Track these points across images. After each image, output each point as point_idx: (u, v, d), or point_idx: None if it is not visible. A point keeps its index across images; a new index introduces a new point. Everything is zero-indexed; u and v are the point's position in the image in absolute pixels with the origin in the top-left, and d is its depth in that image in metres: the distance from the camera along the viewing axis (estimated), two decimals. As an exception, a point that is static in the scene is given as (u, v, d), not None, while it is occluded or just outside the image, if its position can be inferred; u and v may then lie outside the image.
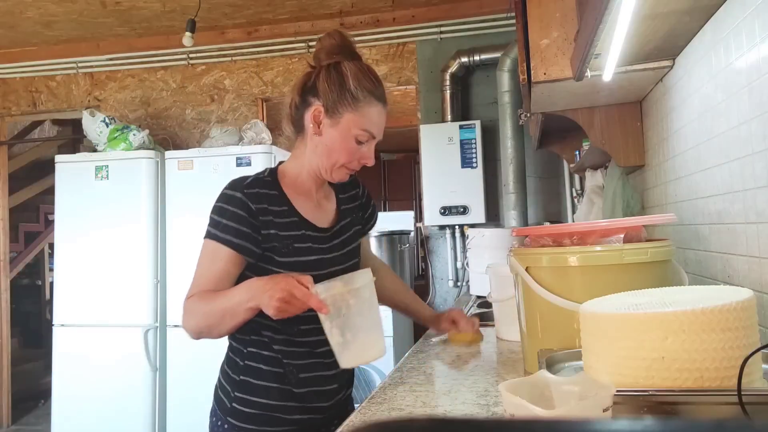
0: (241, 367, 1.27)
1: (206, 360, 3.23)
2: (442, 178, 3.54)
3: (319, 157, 1.27)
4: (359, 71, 1.27)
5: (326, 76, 1.25)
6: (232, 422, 1.25)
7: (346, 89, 1.24)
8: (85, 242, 3.38)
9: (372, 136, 1.27)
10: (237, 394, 1.26)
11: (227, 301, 1.16)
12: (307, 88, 1.28)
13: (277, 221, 1.24)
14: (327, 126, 1.25)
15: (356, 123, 1.24)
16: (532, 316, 1.14)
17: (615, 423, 0.29)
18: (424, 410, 0.99)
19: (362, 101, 1.25)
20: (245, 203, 1.22)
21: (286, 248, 1.23)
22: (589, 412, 0.61)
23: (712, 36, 1.28)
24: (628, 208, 2.08)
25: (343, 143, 1.25)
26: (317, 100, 1.25)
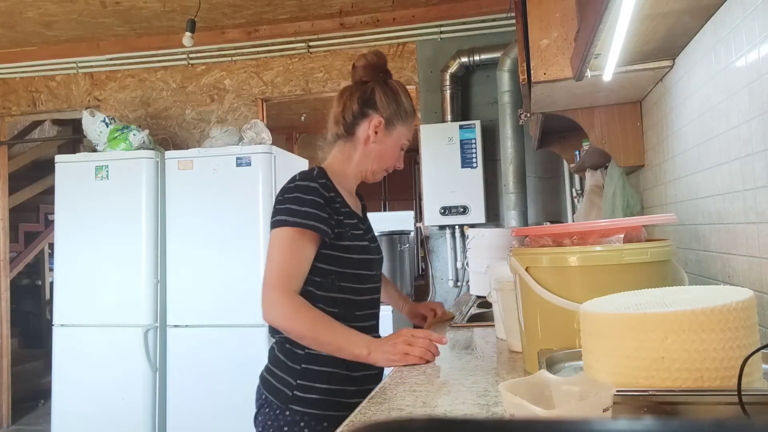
0: (301, 356, 1.36)
1: (206, 360, 3.24)
2: (442, 178, 3.54)
3: (370, 162, 1.48)
4: (405, 90, 1.51)
5: (383, 92, 1.46)
6: (296, 409, 1.33)
7: (402, 105, 1.47)
8: (85, 242, 3.38)
9: (409, 144, 1.54)
10: (299, 382, 1.34)
11: (344, 339, 1.29)
12: (364, 100, 1.46)
13: (342, 210, 1.40)
14: (383, 136, 1.46)
15: (405, 134, 1.50)
16: (532, 316, 1.14)
17: (615, 423, 0.29)
18: (424, 410, 0.99)
19: (410, 116, 1.50)
20: (321, 192, 1.35)
21: (347, 234, 1.39)
22: (589, 412, 0.61)
23: (712, 36, 1.28)
24: (628, 208, 2.08)
25: (394, 151, 1.49)
26: (376, 113, 1.45)
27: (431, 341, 1.29)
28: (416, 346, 1.26)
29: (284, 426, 1.32)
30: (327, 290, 1.37)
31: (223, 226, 3.23)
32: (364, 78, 1.48)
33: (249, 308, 3.16)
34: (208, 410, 3.16)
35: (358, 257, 1.41)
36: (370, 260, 1.45)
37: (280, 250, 1.31)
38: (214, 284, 3.23)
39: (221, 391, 3.15)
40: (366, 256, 1.43)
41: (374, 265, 1.48)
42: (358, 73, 1.49)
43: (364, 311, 1.45)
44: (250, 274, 3.17)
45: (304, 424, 1.32)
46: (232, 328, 3.18)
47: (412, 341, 1.27)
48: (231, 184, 3.25)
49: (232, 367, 3.16)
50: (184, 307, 3.28)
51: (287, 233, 1.31)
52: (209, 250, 3.26)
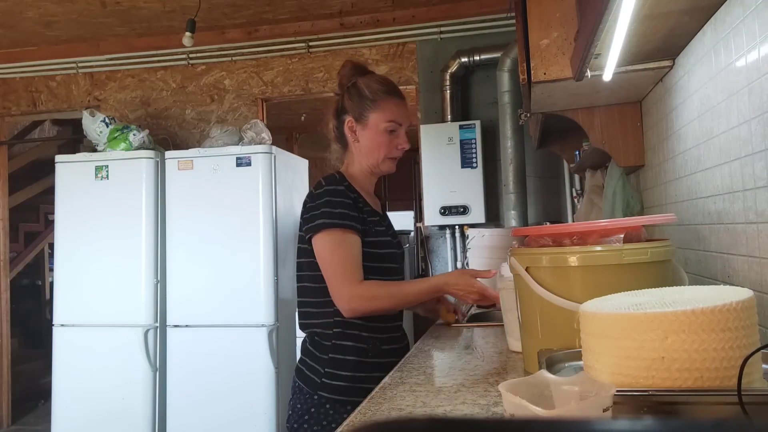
0: (328, 346, 1.47)
1: (206, 360, 3.24)
2: (442, 178, 3.54)
3: (366, 158, 1.56)
4: (370, 80, 1.56)
5: (348, 95, 1.56)
6: (323, 395, 1.44)
7: (365, 97, 1.54)
8: (85, 242, 3.38)
9: (398, 124, 1.55)
10: (327, 370, 1.45)
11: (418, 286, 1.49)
12: (338, 110, 1.58)
13: (364, 209, 1.51)
14: (360, 131, 1.55)
15: (381, 118, 1.53)
16: (532, 316, 1.14)
17: (615, 423, 0.29)
18: (424, 410, 0.99)
19: (378, 100, 1.53)
20: (347, 194, 1.47)
21: (371, 231, 1.50)
22: (589, 412, 0.61)
23: (712, 36, 1.28)
24: (628, 208, 2.08)
25: (377, 138, 1.53)
26: (348, 115, 1.56)
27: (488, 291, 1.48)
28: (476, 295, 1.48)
29: (311, 408, 1.44)
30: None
31: (223, 226, 3.23)
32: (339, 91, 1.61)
33: (249, 308, 3.16)
34: (208, 410, 3.16)
35: (384, 251, 1.52)
36: (394, 254, 1.57)
37: (336, 250, 1.43)
38: (214, 284, 3.23)
39: (221, 391, 3.14)
40: (390, 250, 1.55)
41: (398, 259, 1.60)
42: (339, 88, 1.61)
43: None
44: (250, 274, 3.17)
45: (330, 406, 1.43)
46: (232, 328, 3.17)
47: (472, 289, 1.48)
48: (231, 184, 3.25)
49: (232, 367, 3.15)
50: (184, 307, 3.28)
51: (333, 235, 1.43)
52: (209, 250, 3.26)
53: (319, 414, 1.43)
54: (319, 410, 1.43)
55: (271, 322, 3.14)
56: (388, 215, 1.71)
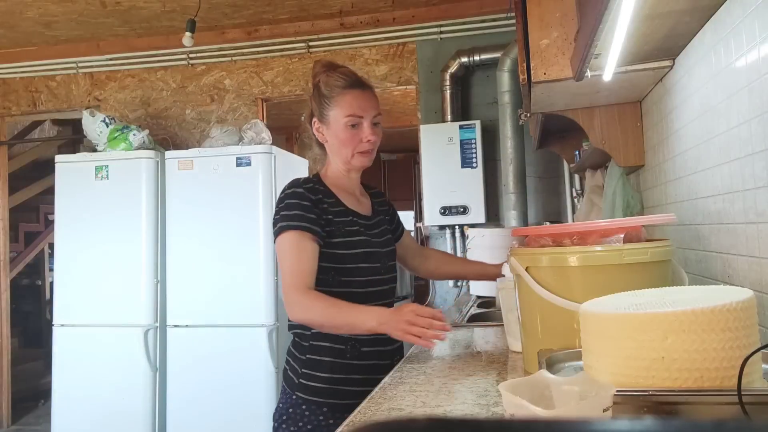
0: (305, 347, 1.46)
1: (206, 360, 3.24)
2: (442, 178, 3.54)
3: (336, 156, 1.54)
4: (328, 77, 1.53)
5: (311, 98, 1.57)
6: (300, 395, 1.44)
7: (321, 95, 1.52)
8: (85, 242, 3.38)
9: (359, 117, 1.50)
10: (304, 371, 1.45)
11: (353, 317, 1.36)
12: (309, 115, 1.58)
13: (331, 210, 1.48)
14: (325, 131, 1.53)
15: (340, 114, 1.49)
16: (532, 316, 1.14)
17: (615, 423, 0.29)
18: (424, 410, 0.99)
19: (335, 96, 1.50)
20: (306, 195, 1.45)
21: (339, 231, 1.46)
22: (589, 412, 0.61)
23: (712, 36, 1.28)
24: (628, 208, 2.08)
25: (341, 134, 1.50)
26: (313, 117, 1.56)
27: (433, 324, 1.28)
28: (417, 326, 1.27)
29: (290, 408, 1.44)
30: (330, 285, 1.45)
31: (223, 226, 3.23)
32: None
33: (249, 308, 3.16)
34: (208, 410, 3.16)
35: (355, 251, 1.48)
36: (371, 253, 1.50)
37: (286, 254, 1.41)
38: (214, 284, 3.23)
39: (221, 390, 3.14)
40: (365, 250, 1.49)
41: (376, 258, 1.52)
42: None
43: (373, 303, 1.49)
44: (250, 274, 3.17)
45: (306, 407, 1.43)
46: (232, 328, 3.17)
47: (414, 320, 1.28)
48: (231, 184, 3.25)
49: (232, 367, 3.15)
50: (184, 307, 3.28)
51: (286, 237, 1.41)
52: (209, 250, 3.26)
53: (296, 414, 1.43)
54: (296, 410, 1.43)
55: (271, 322, 3.14)
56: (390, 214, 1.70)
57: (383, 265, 1.55)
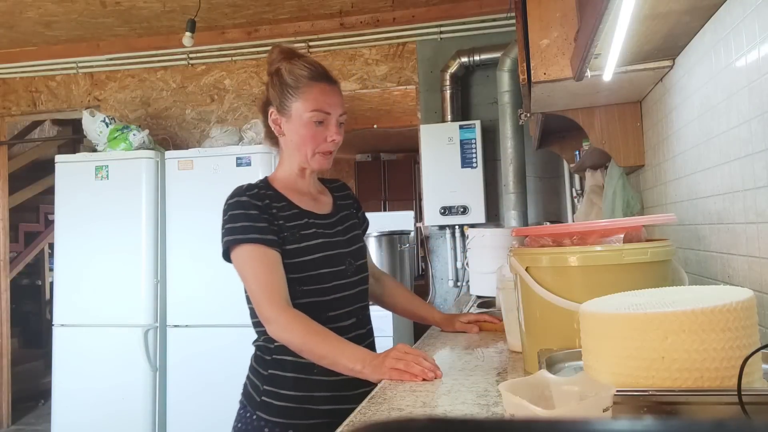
0: (268, 361, 1.33)
1: (206, 360, 3.24)
2: (442, 178, 3.54)
3: (293, 154, 1.40)
4: (293, 66, 1.36)
5: (270, 84, 1.39)
6: (262, 416, 1.30)
7: (285, 84, 1.35)
8: (85, 242, 3.38)
9: (326, 113, 1.35)
10: (266, 388, 1.31)
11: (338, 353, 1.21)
12: (264, 102, 1.42)
13: (281, 214, 1.34)
14: (284, 123, 1.38)
15: (304, 108, 1.34)
16: (532, 316, 1.14)
17: (615, 423, 0.29)
18: (424, 410, 0.99)
19: (301, 87, 1.34)
20: (252, 203, 1.32)
21: (293, 236, 1.32)
22: (589, 412, 0.61)
23: (712, 36, 1.28)
24: (628, 208, 2.08)
25: (303, 130, 1.35)
26: (270, 107, 1.39)
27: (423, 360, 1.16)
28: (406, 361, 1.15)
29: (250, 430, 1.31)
30: (294, 298, 1.29)
31: (223, 226, 3.23)
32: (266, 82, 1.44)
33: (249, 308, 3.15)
34: (208, 410, 3.16)
35: (314, 257, 1.33)
36: (331, 256, 1.36)
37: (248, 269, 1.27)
38: (214, 284, 3.23)
39: (221, 391, 3.14)
40: (325, 253, 1.35)
41: (339, 260, 1.37)
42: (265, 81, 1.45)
43: (338, 311, 1.36)
44: (250, 274, 3.17)
45: (268, 429, 1.29)
46: (232, 328, 3.17)
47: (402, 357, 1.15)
48: (231, 184, 3.19)
49: (232, 367, 3.15)
50: (184, 307, 3.28)
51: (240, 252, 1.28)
52: (209, 250, 3.25)
53: None
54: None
55: (271, 322, 3.14)
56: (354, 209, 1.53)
57: (349, 266, 1.39)
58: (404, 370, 1.13)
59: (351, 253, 1.42)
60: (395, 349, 1.19)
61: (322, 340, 1.22)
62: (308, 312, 1.28)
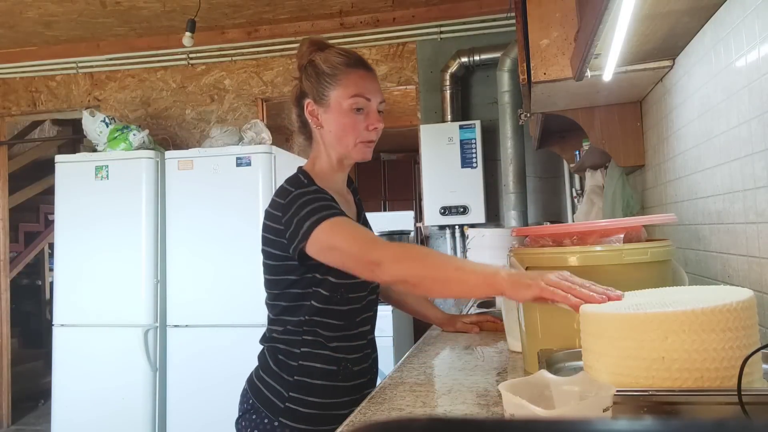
0: (294, 367, 1.28)
1: (206, 360, 3.24)
2: (442, 178, 3.54)
3: (334, 146, 1.32)
4: (327, 54, 1.32)
5: (305, 75, 1.33)
6: (285, 422, 1.26)
7: (321, 72, 1.30)
8: (85, 242, 3.38)
9: (366, 99, 1.30)
10: (292, 395, 1.27)
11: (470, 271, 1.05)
12: (298, 96, 1.35)
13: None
14: (322, 114, 1.31)
15: (343, 94, 1.29)
16: (532, 316, 1.14)
17: (615, 423, 0.29)
18: (424, 410, 0.99)
19: (338, 74, 1.30)
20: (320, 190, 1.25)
21: None
22: (589, 412, 0.61)
23: (712, 36, 1.28)
24: (628, 208, 2.08)
25: (343, 119, 1.29)
26: (307, 98, 1.32)
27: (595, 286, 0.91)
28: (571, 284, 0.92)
29: None
30: (336, 304, 1.27)
31: (223, 226, 3.23)
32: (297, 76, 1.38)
33: (249, 308, 3.15)
34: (208, 410, 3.16)
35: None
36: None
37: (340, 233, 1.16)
38: (214, 284, 3.23)
39: (221, 391, 3.14)
40: None
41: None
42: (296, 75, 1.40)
43: (363, 315, 1.36)
44: (250, 274, 3.17)
45: None
46: (232, 328, 3.17)
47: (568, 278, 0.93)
48: (231, 184, 3.25)
49: (232, 367, 3.15)
50: (184, 307, 3.28)
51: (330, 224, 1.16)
52: (209, 250, 3.26)
53: None
54: None
55: (271, 322, 3.14)
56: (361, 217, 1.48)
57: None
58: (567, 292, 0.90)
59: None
60: (552, 272, 0.95)
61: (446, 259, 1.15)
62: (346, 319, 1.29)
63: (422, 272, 1.10)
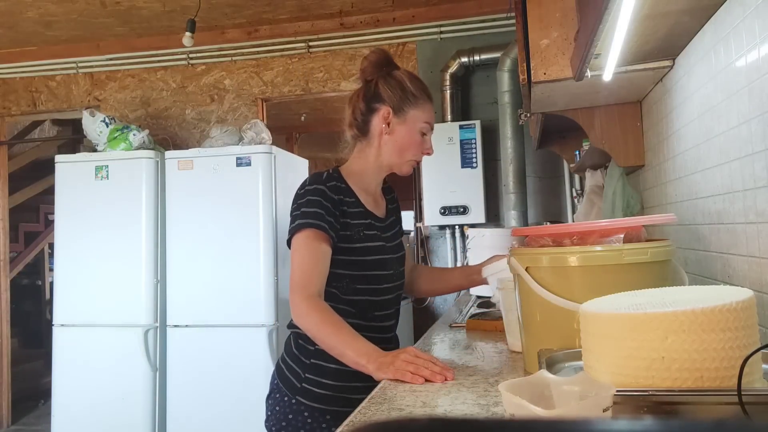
0: (311, 351, 1.40)
1: (206, 360, 3.24)
2: (442, 178, 3.54)
3: (390, 154, 1.47)
4: (411, 75, 1.49)
5: (386, 83, 1.46)
6: (302, 400, 1.38)
7: (407, 90, 1.45)
8: (85, 242, 3.38)
9: (431, 127, 1.49)
10: (308, 376, 1.39)
11: (345, 346, 1.26)
12: (369, 96, 1.47)
13: (350, 211, 1.42)
14: (396, 124, 1.45)
15: (420, 117, 1.45)
16: (532, 316, 1.14)
17: (615, 423, 0.29)
18: (424, 410, 0.99)
19: (420, 99, 1.46)
20: (327, 194, 1.38)
21: (357, 235, 1.41)
22: (589, 412, 0.61)
23: (712, 36, 1.28)
24: (628, 208, 2.08)
25: (412, 136, 1.46)
26: (383, 104, 1.45)
27: (436, 364, 1.16)
28: (417, 365, 1.16)
29: (289, 414, 1.39)
30: (343, 293, 1.40)
31: (223, 226, 3.23)
32: (368, 77, 1.49)
33: (249, 308, 3.16)
34: (208, 410, 3.16)
35: (371, 258, 1.42)
36: (385, 260, 1.45)
37: (297, 253, 1.35)
38: (214, 284, 3.23)
39: (221, 391, 3.14)
40: (380, 257, 1.44)
41: (390, 264, 1.47)
42: (363, 74, 1.50)
43: (384, 311, 1.47)
44: (250, 274, 3.17)
45: (308, 414, 1.38)
46: (232, 328, 3.17)
47: (412, 360, 1.17)
48: (231, 184, 3.25)
49: (232, 367, 3.15)
50: (184, 307, 3.28)
51: (302, 236, 1.35)
52: (209, 250, 3.26)
53: (297, 422, 1.37)
54: (297, 417, 1.38)
55: (271, 322, 3.14)
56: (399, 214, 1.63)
57: (395, 271, 1.49)
58: (414, 373, 1.14)
59: (397, 259, 1.52)
60: (405, 351, 1.20)
61: (334, 332, 1.28)
62: (359, 309, 1.41)
63: (314, 335, 1.32)
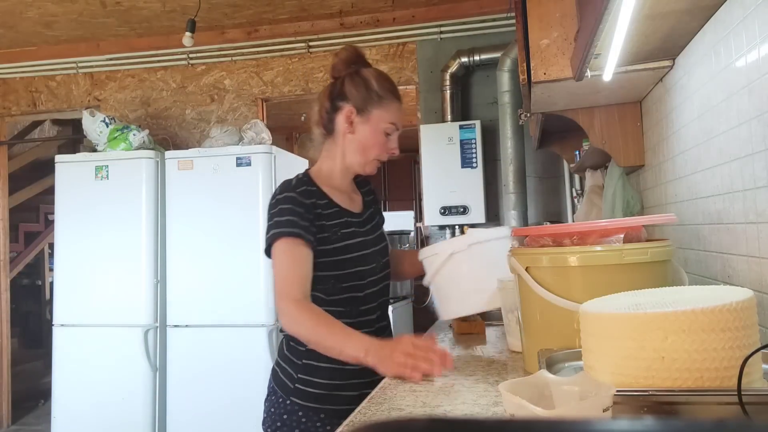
0: (302, 352, 1.41)
1: (206, 360, 3.24)
2: (442, 178, 3.54)
3: (353, 154, 1.47)
4: (378, 75, 1.49)
5: (352, 82, 1.46)
6: (296, 401, 1.39)
7: (372, 90, 1.45)
8: (85, 242, 3.38)
9: (396, 128, 1.49)
10: (300, 376, 1.40)
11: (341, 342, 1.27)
12: (335, 94, 1.47)
13: (324, 213, 1.42)
14: (359, 123, 1.45)
15: (384, 117, 1.45)
16: (532, 316, 1.14)
17: (615, 423, 0.29)
18: (424, 410, 0.99)
19: (386, 98, 1.45)
20: (299, 200, 1.38)
21: (335, 235, 1.41)
22: (589, 412, 0.61)
23: (712, 36, 1.28)
24: (628, 208, 2.08)
25: (375, 137, 1.45)
26: (347, 103, 1.45)
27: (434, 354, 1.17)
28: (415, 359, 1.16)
29: (284, 414, 1.40)
30: (331, 294, 1.41)
31: (223, 226, 3.23)
32: (336, 75, 1.49)
33: (249, 308, 3.16)
34: (208, 410, 3.16)
35: (353, 256, 1.43)
36: (366, 255, 1.46)
37: (278, 261, 1.36)
38: (214, 284, 3.23)
39: (221, 391, 3.14)
40: (361, 253, 1.45)
41: (371, 258, 1.48)
42: (332, 71, 1.51)
43: (369, 305, 1.48)
44: (250, 274, 3.17)
45: (302, 413, 1.39)
46: (232, 328, 3.18)
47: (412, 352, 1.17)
48: (231, 184, 3.25)
49: (232, 367, 3.15)
50: (184, 307, 3.28)
51: (280, 244, 1.35)
52: (209, 250, 3.26)
53: (292, 422, 1.38)
54: (291, 417, 1.38)
55: (271, 322, 3.14)
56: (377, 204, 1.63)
57: (378, 264, 1.49)
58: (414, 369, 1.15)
59: (379, 251, 1.51)
60: (402, 342, 1.21)
61: (328, 332, 1.28)
62: (345, 307, 1.42)
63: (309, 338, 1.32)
